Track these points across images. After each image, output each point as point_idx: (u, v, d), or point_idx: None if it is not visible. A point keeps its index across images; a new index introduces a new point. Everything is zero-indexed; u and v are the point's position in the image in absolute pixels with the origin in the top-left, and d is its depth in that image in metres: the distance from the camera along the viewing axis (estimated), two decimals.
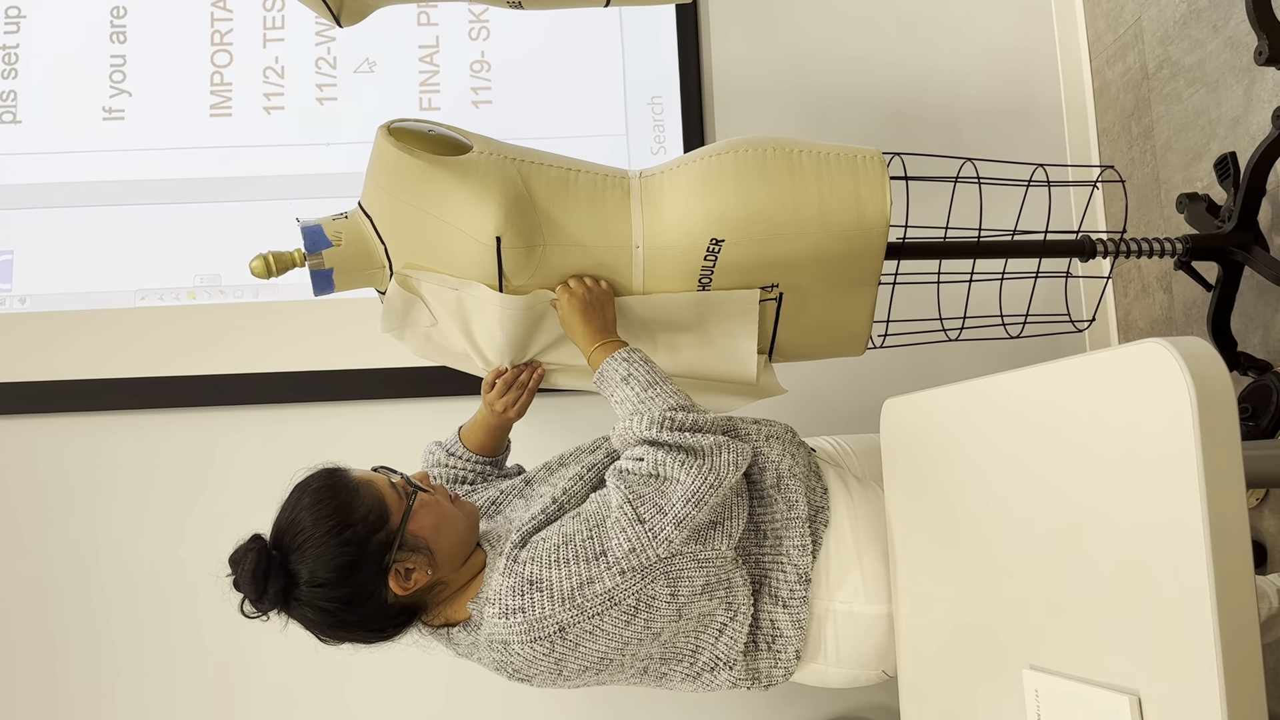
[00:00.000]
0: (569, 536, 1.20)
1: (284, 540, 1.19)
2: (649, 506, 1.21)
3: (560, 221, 1.36)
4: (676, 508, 1.20)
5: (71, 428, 2.07)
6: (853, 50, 2.26)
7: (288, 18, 2.22)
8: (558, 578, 1.17)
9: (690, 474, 1.22)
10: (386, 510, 1.19)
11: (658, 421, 1.25)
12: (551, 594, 1.17)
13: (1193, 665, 0.84)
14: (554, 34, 2.22)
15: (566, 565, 1.18)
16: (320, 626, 1.19)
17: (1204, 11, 1.86)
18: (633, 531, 1.19)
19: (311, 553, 1.16)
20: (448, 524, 1.23)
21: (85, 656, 2.00)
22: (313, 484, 1.21)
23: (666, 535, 1.20)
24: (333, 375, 2.09)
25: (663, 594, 1.21)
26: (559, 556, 1.18)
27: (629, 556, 1.18)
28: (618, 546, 1.19)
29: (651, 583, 1.20)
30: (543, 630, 1.17)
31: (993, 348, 2.13)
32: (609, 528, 1.20)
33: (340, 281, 1.42)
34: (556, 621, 1.17)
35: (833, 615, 1.34)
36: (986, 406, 1.15)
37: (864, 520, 1.37)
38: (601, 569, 1.18)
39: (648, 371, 1.32)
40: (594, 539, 1.19)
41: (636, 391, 1.30)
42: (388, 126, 1.34)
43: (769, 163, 1.38)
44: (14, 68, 2.18)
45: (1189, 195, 1.82)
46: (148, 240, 2.13)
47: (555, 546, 1.19)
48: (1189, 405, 0.85)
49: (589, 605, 1.17)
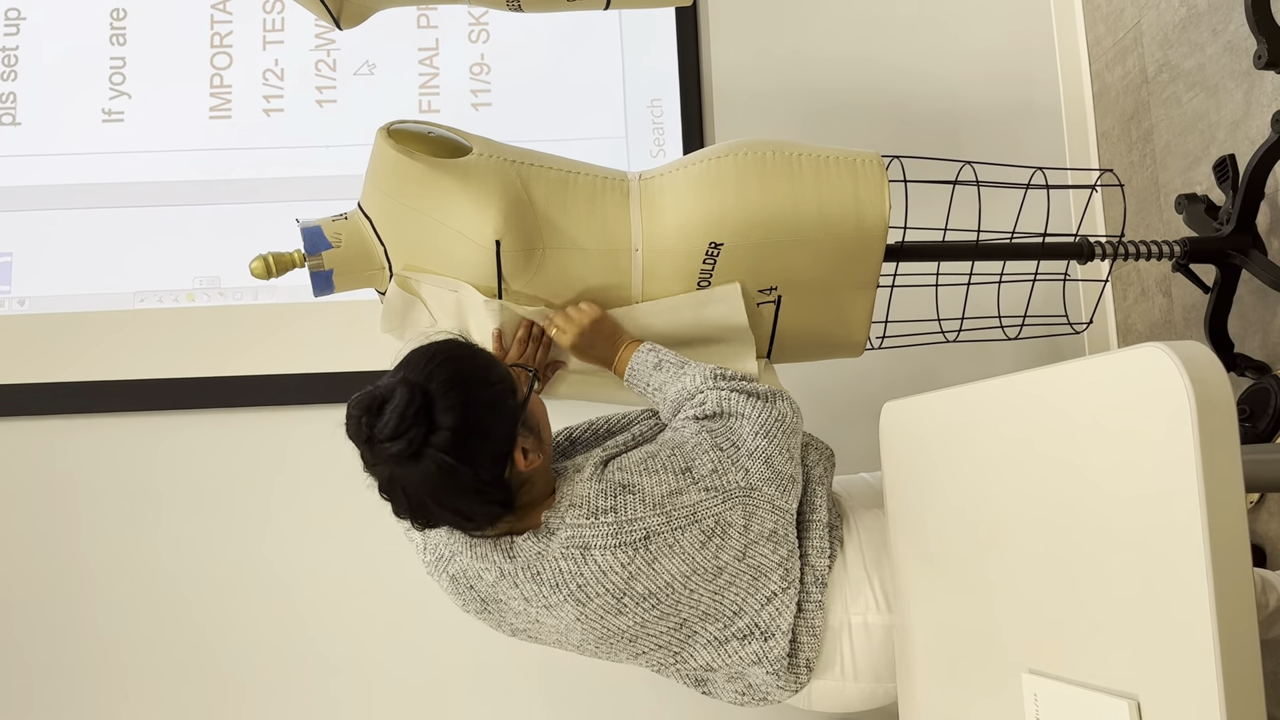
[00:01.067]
0: (654, 453, 1.26)
1: (429, 387, 1.13)
2: (724, 437, 1.26)
3: (560, 224, 1.36)
4: (748, 441, 1.26)
5: (70, 430, 2.06)
6: (852, 53, 2.26)
7: (287, 20, 2.22)
8: (650, 484, 1.21)
9: (756, 409, 1.27)
10: (515, 385, 1.21)
11: (711, 374, 1.31)
12: (643, 498, 1.20)
13: (1192, 669, 0.84)
14: (553, 37, 2.22)
15: (656, 474, 1.22)
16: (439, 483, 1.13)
17: (1203, 15, 1.86)
18: (715, 455, 1.24)
19: (457, 400, 1.12)
20: (547, 421, 1.29)
21: (85, 657, 1.99)
22: (451, 344, 1.20)
23: (744, 464, 1.25)
24: (333, 377, 2.08)
25: (738, 522, 1.24)
26: (649, 467, 1.23)
27: (712, 476, 1.23)
28: (701, 465, 1.23)
29: (731, 508, 1.23)
30: (630, 535, 1.19)
31: (992, 351, 2.13)
32: (691, 450, 1.25)
33: (340, 282, 1.42)
34: (645, 526, 1.20)
35: (848, 628, 1.34)
36: (985, 409, 1.15)
37: (869, 542, 1.38)
38: (688, 482, 1.22)
39: (675, 355, 1.38)
40: (678, 457, 1.25)
41: (672, 371, 1.35)
42: (387, 128, 1.34)
43: (768, 166, 1.38)
44: (13, 69, 2.18)
45: (1188, 196, 1.82)
46: (147, 242, 2.13)
47: (643, 459, 1.24)
48: (1188, 409, 0.85)
49: (675, 515, 1.21)
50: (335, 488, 2.05)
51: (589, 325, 1.39)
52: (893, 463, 1.35)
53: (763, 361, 1.51)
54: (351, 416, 1.16)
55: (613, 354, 1.41)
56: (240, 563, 2.02)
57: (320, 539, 2.03)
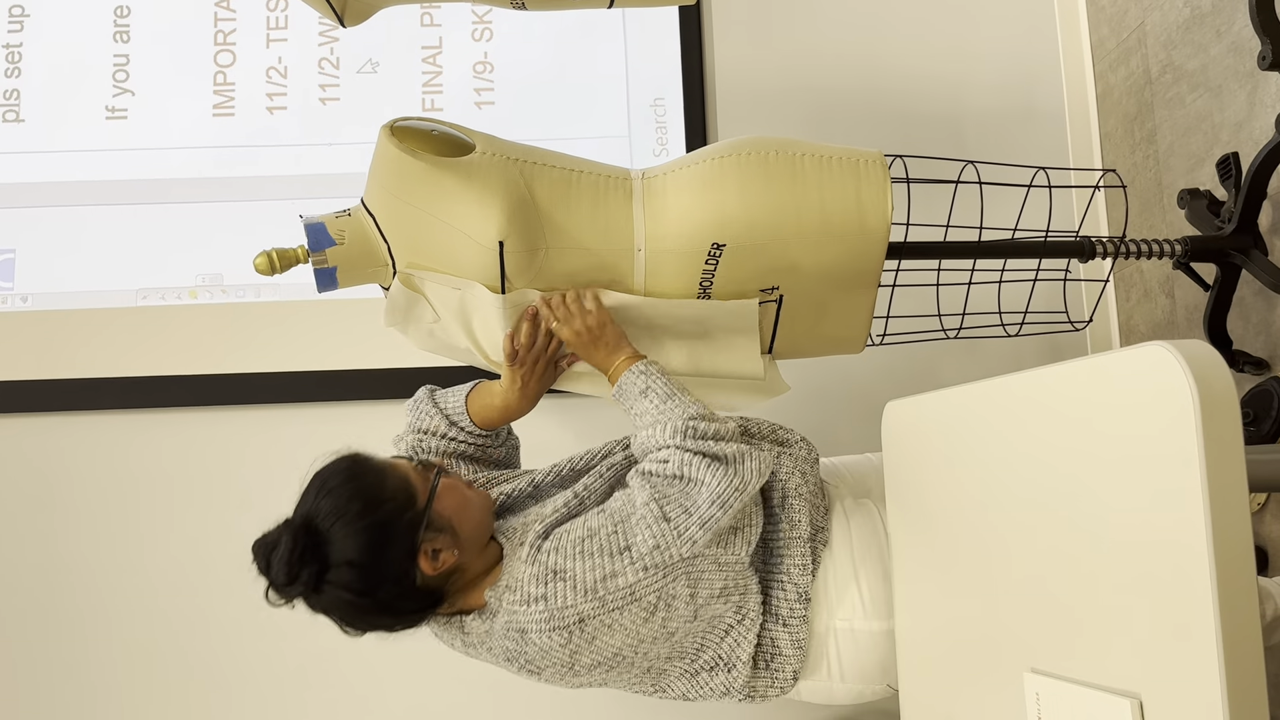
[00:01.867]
0: (594, 530, 1.20)
1: (314, 524, 1.17)
2: (675, 506, 1.21)
3: (562, 224, 1.36)
4: (702, 509, 1.21)
5: (72, 427, 2.07)
6: (856, 52, 2.26)
7: (291, 18, 2.22)
8: (581, 569, 1.17)
9: (717, 477, 1.22)
10: (413, 490, 1.19)
11: (681, 430, 1.26)
12: (574, 584, 1.17)
13: (1195, 668, 0.84)
14: (557, 35, 2.22)
15: (591, 558, 1.18)
16: (349, 611, 1.19)
17: (1207, 16, 1.86)
18: (658, 529, 1.19)
19: (342, 533, 1.15)
20: (469, 507, 1.24)
21: (85, 656, 1.99)
22: (338, 467, 1.21)
23: (691, 535, 1.20)
24: (335, 375, 2.08)
25: (683, 594, 1.21)
26: (584, 549, 1.19)
27: (653, 553, 1.19)
28: (643, 542, 1.19)
29: (673, 581, 1.20)
30: (563, 620, 1.17)
31: (994, 351, 2.13)
32: (634, 524, 1.20)
33: (344, 279, 1.42)
34: (577, 612, 1.17)
35: (833, 633, 1.34)
36: (988, 408, 1.15)
37: (860, 539, 1.37)
38: (625, 564, 1.18)
39: (665, 384, 1.32)
40: (619, 533, 1.20)
41: (655, 404, 1.30)
42: (390, 126, 1.34)
43: (771, 167, 1.38)
44: (17, 66, 2.19)
45: (1190, 191, 1.82)
46: (150, 239, 2.13)
47: (580, 539, 1.20)
48: (1192, 408, 0.85)
49: (611, 599, 1.17)
50: None
51: (595, 327, 1.37)
52: (895, 461, 1.35)
53: (766, 358, 1.51)
54: (254, 562, 1.18)
55: (609, 363, 1.37)
56: (244, 560, 2.01)
57: None
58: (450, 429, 1.42)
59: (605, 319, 1.38)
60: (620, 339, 1.38)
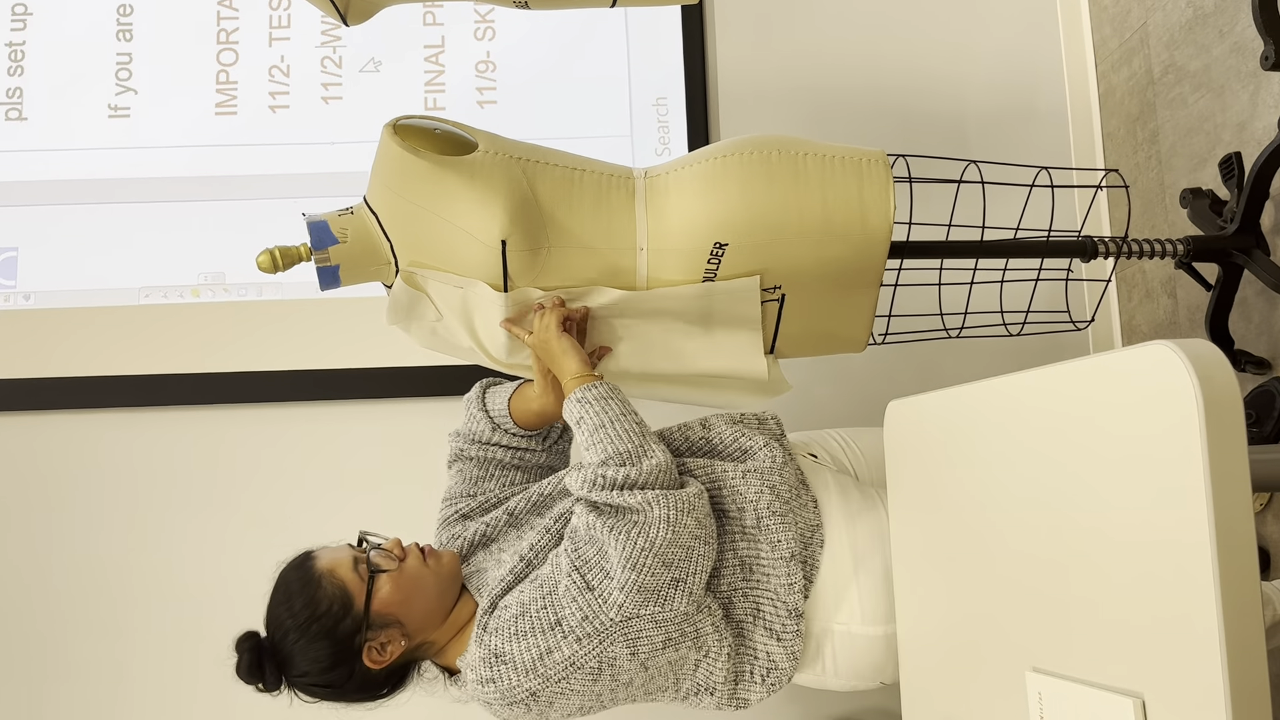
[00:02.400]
0: (525, 606, 1.23)
1: (270, 636, 1.26)
2: (595, 573, 1.21)
3: (565, 224, 1.36)
4: (617, 574, 1.19)
5: (75, 425, 2.07)
6: (859, 52, 2.26)
7: (294, 17, 2.22)
8: (518, 650, 1.21)
9: (619, 539, 1.19)
10: (349, 596, 1.23)
11: (589, 480, 1.23)
12: (515, 666, 1.21)
13: (1197, 668, 0.84)
14: (560, 34, 2.22)
15: (526, 637, 1.21)
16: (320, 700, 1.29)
17: (1210, 16, 1.86)
18: (583, 600, 1.20)
19: (290, 649, 1.23)
20: (417, 592, 1.26)
21: (85, 656, 2.00)
22: (283, 580, 1.27)
23: (616, 600, 1.19)
24: (336, 374, 2.09)
25: (623, 654, 1.22)
26: (517, 629, 1.21)
27: (583, 624, 1.20)
28: (571, 615, 1.20)
29: (610, 645, 1.21)
30: (515, 697, 1.22)
31: (996, 351, 2.13)
32: (560, 596, 1.21)
33: (346, 277, 1.42)
34: (526, 689, 1.21)
35: (831, 635, 1.34)
36: (990, 408, 1.15)
37: (864, 536, 1.36)
38: (558, 638, 1.20)
39: (598, 413, 1.27)
40: (548, 609, 1.21)
41: (584, 436, 1.27)
42: (393, 125, 1.34)
43: (773, 167, 1.37)
44: (20, 65, 2.19)
45: (1193, 190, 1.82)
46: (152, 238, 2.13)
47: (514, 618, 1.22)
48: (1195, 408, 0.85)
49: (552, 673, 1.20)
50: (339, 484, 2.05)
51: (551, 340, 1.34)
52: (897, 461, 1.35)
53: (769, 357, 1.51)
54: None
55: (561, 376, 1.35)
56: (244, 558, 2.02)
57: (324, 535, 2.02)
58: (493, 434, 1.45)
59: (553, 334, 1.34)
60: (569, 352, 1.34)
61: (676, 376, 1.52)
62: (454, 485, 1.49)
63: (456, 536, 1.43)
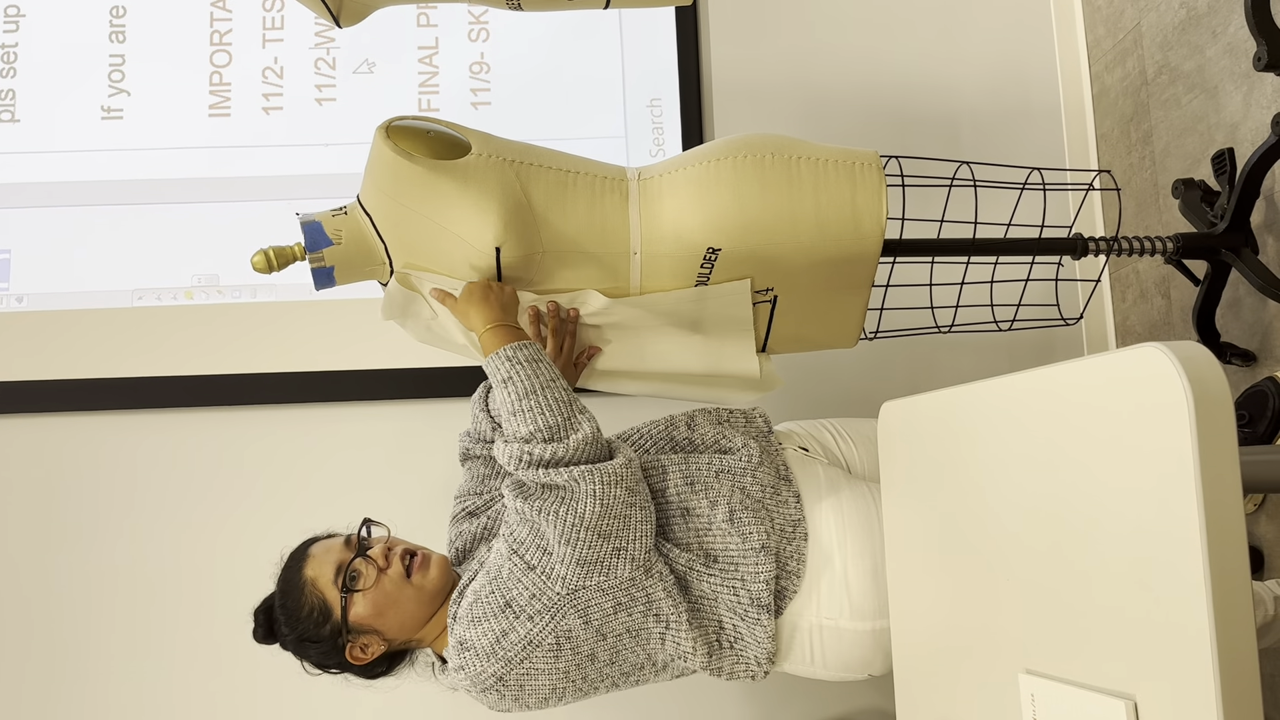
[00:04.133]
0: (478, 593, 1.26)
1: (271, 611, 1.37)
2: (533, 551, 1.24)
3: (558, 227, 1.36)
4: (556, 549, 1.22)
5: (68, 427, 2.06)
6: (853, 53, 2.26)
7: (287, 18, 2.22)
8: (477, 635, 1.25)
9: (550, 519, 1.21)
10: (328, 607, 1.30)
11: (516, 457, 1.23)
12: (477, 652, 1.25)
13: (1189, 670, 0.84)
14: (553, 36, 2.22)
15: (482, 623, 1.25)
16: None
17: (1203, 17, 1.86)
18: (528, 579, 1.23)
19: (286, 638, 1.34)
20: (392, 608, 1.30)
21: (85, 657, 1.99)
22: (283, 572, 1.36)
23: (559, 574, 1.22)
24: (332, 376, 2.08)
25: (576, 625, 1.25)
26: (473, 615, 1.26)
27: (532, 602, 1.23)
28: (519, 596, 1.24)
29: (562, 619, 1.25)
30: (485, 683, 1.26)
31: (989, 351, 2.13)
32: (505, 579, 1.25)
33: (341, 277, 1.42)
34: (492, 673, 1.26)
35: (819, 628, 1.35)
36: (983, 409, 1.15)
37: (853, 531, 1.36)
38: (511, 619, 1.24)
39: (529, 376, 1.25)
40: (496, 592, 1.25)
41: (512, 400, 1.25)
42: (386, 127, 1.34)
43: (767, 171, 1.37)
44: (13, 66, 2.18)
45: (1184, 181, 1.82)
46: (146, 240, 2.13)
47: (470, 605, 1.26)
48: (1186, 409, 0.85)
49: (512, 654, 1.24)
50: (335, 485, 2.05)
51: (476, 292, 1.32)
52: (891, 461, 1.35)
53: (760, 356, 1.51)
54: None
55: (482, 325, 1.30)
56: (240, 560, 2.02)
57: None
58: (495, 433, 1.50)
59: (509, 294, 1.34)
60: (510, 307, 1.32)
61: (668, 375, 1.52)
62: (464, 483, 1.54)
63: (463, 534, 1.47)
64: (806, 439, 1.52)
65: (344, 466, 2.07)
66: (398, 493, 2.02)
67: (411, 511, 1.61)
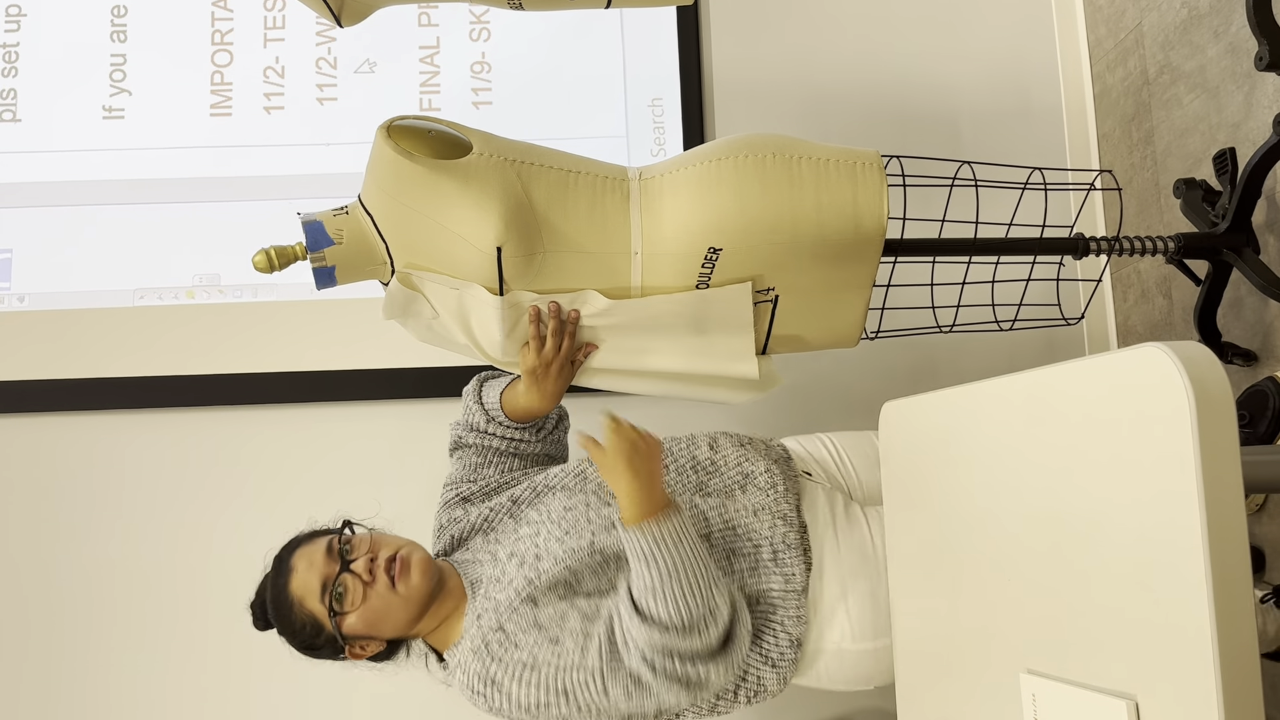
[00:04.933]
0: (538, 663, 1.25)
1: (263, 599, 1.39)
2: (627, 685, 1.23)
3: (559, 227, 1.36)
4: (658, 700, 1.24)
5: (69, 427, 2.06)
6: (854, 53, 2.26)
7: (288, 18, 2.22)
8: (519, 692, 1.25)
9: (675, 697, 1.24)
10: (319, 623, 1.31)
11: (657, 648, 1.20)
12: (510, 699, 1.26)
13: (1190, 670, 0.84)
14: (555, 35, 2.22)
15: (529, 687, 1.25)
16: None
17: (1204, 17, 1.86)
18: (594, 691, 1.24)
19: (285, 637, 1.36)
20: (382, 619, 1.31)
21: (85, 657, 1.99)
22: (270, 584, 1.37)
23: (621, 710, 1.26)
24: (332, 375, 2.08)
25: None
26: (524, 679, 1.25)
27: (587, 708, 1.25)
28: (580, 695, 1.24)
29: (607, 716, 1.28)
30: (502, 712, 1.29)
31: (990, 351, 2.13)
32: (574, 679, 1.24)
33: (342, 277, 1.42)
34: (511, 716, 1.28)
35: (822, 654, 1.36)
36: (984, 409, 1.15)
37: (849, 558, 1.37)
38: (560, 704, 1.25)
39: (671, 558, 1.20)
40: (560, 675, 1.24)
41: (649, 577, 1.21)
42: (387, 127, 1.34)
43: (768, 171, 1.37)
44: (14, 66, 2.18)
45: (1186, 181, 1.82)
46: (147, 239, 2.13)
47: (524, 664, 1.25)
48: (1187, 410, 0.85)
49: (542, 715, 1.26)
50: (335, 485, 2.05)
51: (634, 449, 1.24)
52: (892, 461, 1.35)
53: (760, 357, 1.51)
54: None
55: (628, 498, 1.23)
56: (239, 560, 2.01)
57: None
58: (488, 424, 1.50)
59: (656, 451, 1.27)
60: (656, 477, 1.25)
61: (667, 374, 1.52)
62: (455, 471, 1.54)
63: (456, 520, 1.47)
64: (809, 462, 1.53)
65: (344, 466, 2.07)
66: (398, 492, 2.01)
67: (412, 511, 1.61)
